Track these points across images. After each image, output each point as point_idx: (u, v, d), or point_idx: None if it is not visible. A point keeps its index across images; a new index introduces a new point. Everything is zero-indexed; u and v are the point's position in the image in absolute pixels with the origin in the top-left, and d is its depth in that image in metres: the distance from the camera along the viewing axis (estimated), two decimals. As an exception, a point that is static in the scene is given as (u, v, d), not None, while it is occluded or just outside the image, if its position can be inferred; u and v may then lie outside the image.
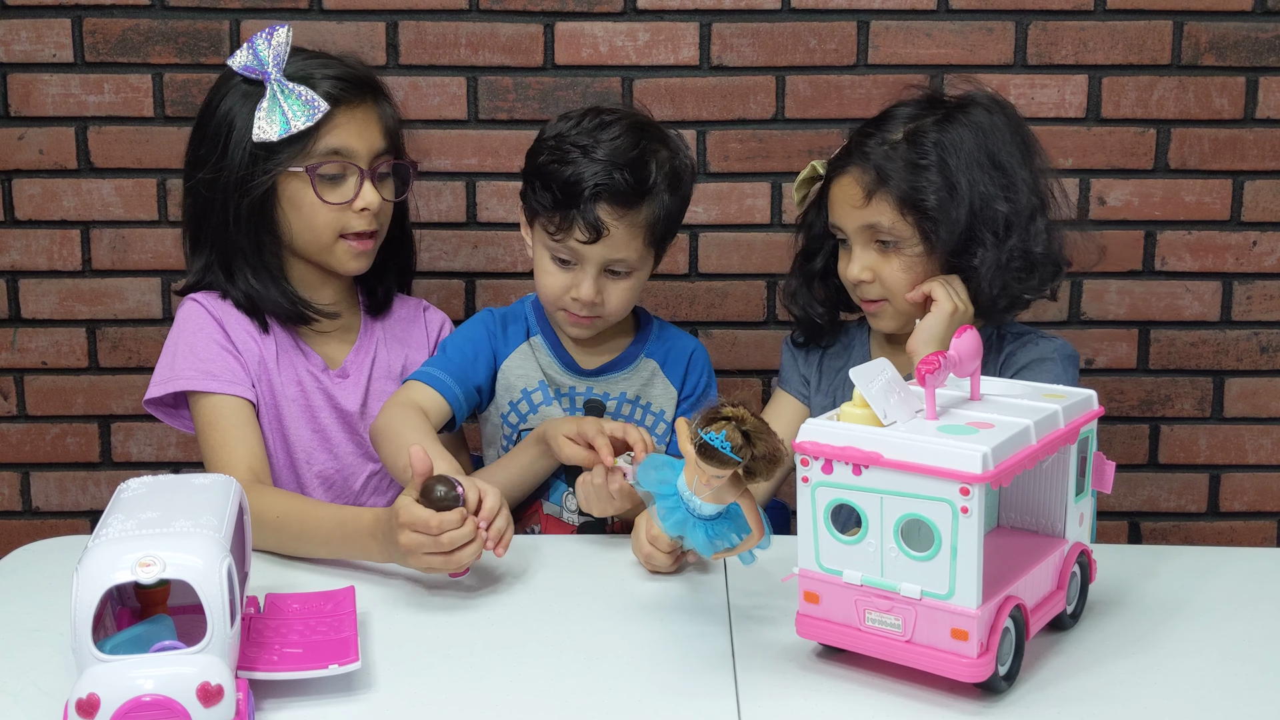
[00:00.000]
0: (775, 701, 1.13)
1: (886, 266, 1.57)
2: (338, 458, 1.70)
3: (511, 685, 1.17)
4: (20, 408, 2.18)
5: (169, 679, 1.00)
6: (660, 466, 1.22)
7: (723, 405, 1.12)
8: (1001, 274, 1.54)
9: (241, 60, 1.60)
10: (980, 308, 1.56)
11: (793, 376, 1.75)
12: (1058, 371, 1.56)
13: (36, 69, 2.08)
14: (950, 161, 1.53)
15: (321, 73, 1.60)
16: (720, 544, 1.19)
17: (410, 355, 1.76)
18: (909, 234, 1.54)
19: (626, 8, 2.08)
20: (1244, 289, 2.16)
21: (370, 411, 1.71)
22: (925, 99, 1.62)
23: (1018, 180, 1.55)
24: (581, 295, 1.60)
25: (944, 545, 1.08)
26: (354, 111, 1.61)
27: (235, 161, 1.59)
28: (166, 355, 1.64)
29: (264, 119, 1.57)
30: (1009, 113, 1.60)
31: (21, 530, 2.19)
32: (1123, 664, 1.20)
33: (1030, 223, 1.55)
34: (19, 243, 2.13)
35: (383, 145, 1.64)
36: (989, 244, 1.53)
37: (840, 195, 1.59)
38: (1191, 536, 2.23)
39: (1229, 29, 2.08)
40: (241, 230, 1.62)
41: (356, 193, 1.61)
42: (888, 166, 1.54)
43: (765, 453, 1.10)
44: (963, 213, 1.52)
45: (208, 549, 1.04)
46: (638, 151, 1.58)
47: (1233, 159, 2.12)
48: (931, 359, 1.14)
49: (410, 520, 1.30)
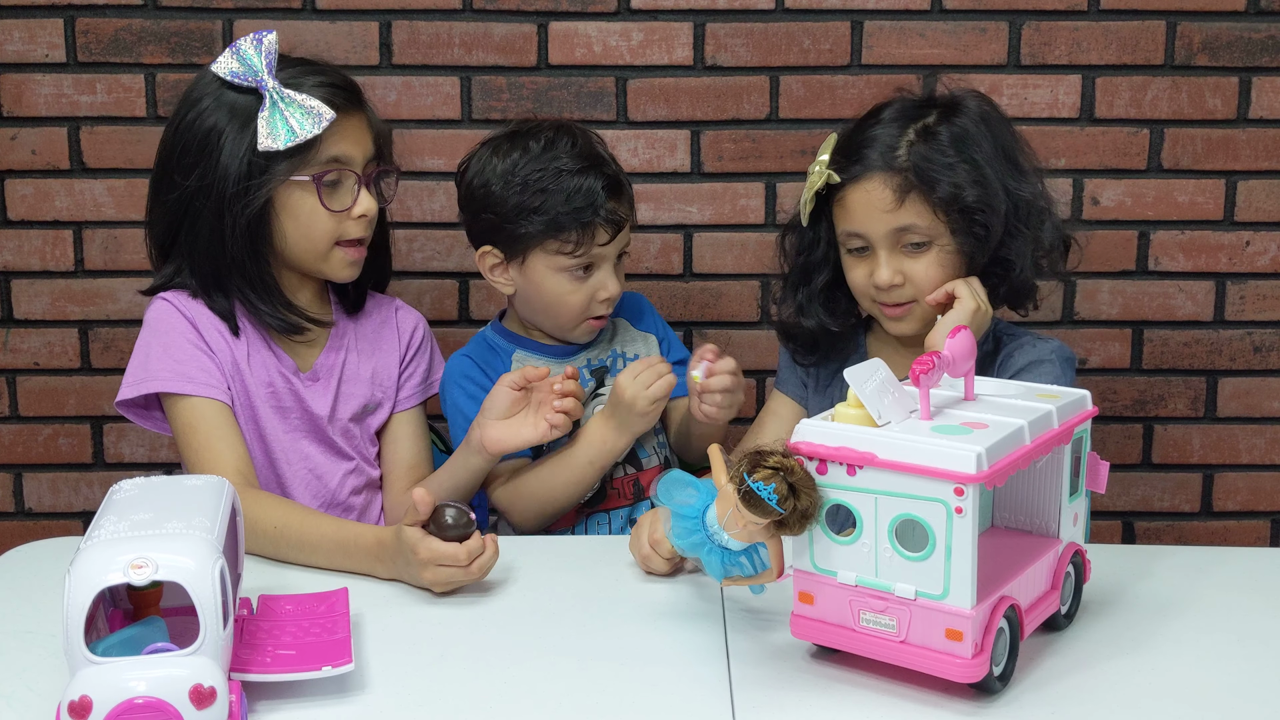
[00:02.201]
0: (770, 702, 1.13)
1: (917, 267, 1.55)
2: (309, 458, 1.68)
3: (505, 686, 1.17)
4: (12, 408, 2.17)
5: (161, 681, 0.99)
6: (683, 485, 1.21)
7: (771, 453, 1.10)
8: (1036, 260, 1.56)
9: (228, 66, 1.56)
10: (1017, 296, 1.59)
11: (790, 378, 1.75)
12: (1056, 373, 1.56)
13: (29, 69, 2.07)
14: (975, 155, 1.53)
15: (311, 80, 1.58)
16: (734, 571, 1.19)
17: (380, 361, 1.74)
18: (941, 230, 1.54)
19: (620, 7, 2.08)
20: (1237, 289, 2.16)
21: (339, 416, 1.69)
22: (912, 100, 1.62)
23: (1026, 166, 1.58)
24: (612, 292, 1.69)
25: (938, 545, 1.08)
26: (350, 119, 1.60)
27: (231, 173, 1.55)
28: (139, 355, 1.61)
29: (266, 128, 1.55)
30: (996, 107, 1.62)
31: (14, 531, 2.19)
32: (1117, 664, 1.20)
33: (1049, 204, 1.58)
34: (11, 243, 2.13)
35: (373, 151, 1.64)
36: (1023, 233, 1.55)
37: (863, 201, 1.55)
38: (1185, 536, 2.24)
39: (1222, 29, 2.08)
40: (239, 244, 1.58)
41: (354, 199, 1.61)
42: (922, 166, 1.52)
43: (807, 507, 1.10)
44: (1000, 202, 1.53)
45: (200, 550, 1.04)
46: (592, 147, 1.69)
47: (1226, 159, 2.12)
48: (925, 359, 1.14)
49: (434, 557, 1.32)
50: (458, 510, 1.34)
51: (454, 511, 1.34)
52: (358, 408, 1.71)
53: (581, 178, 1.63)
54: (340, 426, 1.70)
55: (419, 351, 1.78)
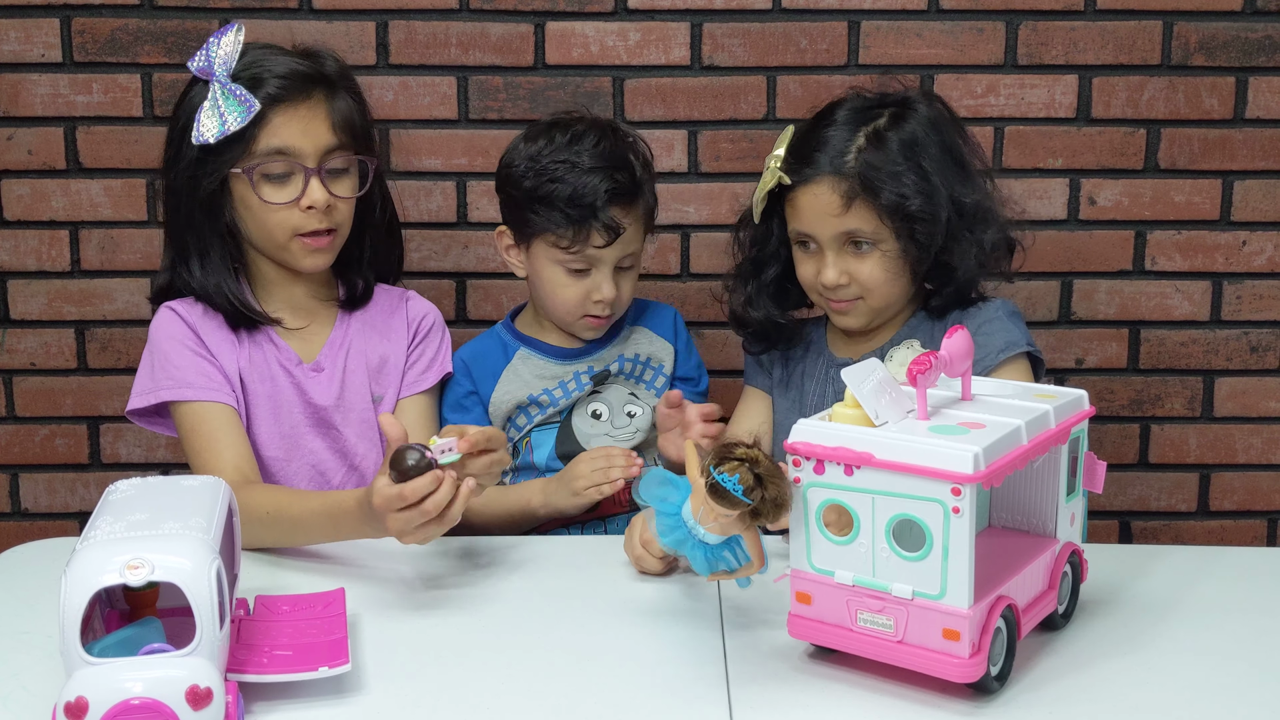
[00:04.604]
0: (767, 702, 1.13)
1: (862, 267, 1.57)
2: (314, 452, 1.68)
3: (502, 687, 1.17)
4: (9, 409, 2.17)
5: (158, 681, 0.99)
6: (662, 483, 1.21)
7: (737, 445, 1.11)
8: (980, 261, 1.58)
9: (196, 62, 1.60)
10: (961, 294, 1.61)
11: (756, 372, 1.77)
12: (1007, 326, 1.58)
13: (25, 69, 2.07)
14: (923, 163, 1.55)
15: (271, 70, 1.59)
16: (719, 566, 1.19)
17: (388, 347, 1.73)
18: (886, 234, 1.55)
19: (617, 7, 2.07)
20: (1234, 289, 2.16)
21: (346, 404, 1.70)
22: (864, 99, 1.62)
23: (972, 170, 1.60)
24: (605, 296, 1.68)
25: (935, 545, 1.08)
26: (297, 109, 1.59)
27: (185, 161, 1.60)
28: (145, 366, 1.65)
29: (203, 120, 1.57)
30: (945, 105, 1.64)
31: (10, 532, 2.18)
32: (1114, 664, 1.20)
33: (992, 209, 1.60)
34: (7, 243, 2.12)
35: (332, 141, 1.61)
36: (966, 238, 1.56)
37: (812, 204, 1.57)
38: (1182, 536, 2.24)
39: (1219, 29, 2.08)
40: (192, 229, 1.63)
41: (302, 191, 1.60)
42: (868, 174, 1.53)
43: (775, 496, 1.10)
44: (943, 210, 1.55)
45: (196, 551, 1.04)
46: (619, 150, 1.67)
47: (1222, 159, 2.12)
48: (923, 359, 1.14)
49: (386, 502, 1.27)
50: (417, 452, 1.27)
51: (413, 454, 1.27)
52: (364, 397, 1.71)
53: (591, 177, 1.63)
54: (346, 417, 1.69)
55: (427, 337, 1.77)
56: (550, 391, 1.74)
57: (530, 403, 1.74)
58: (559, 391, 1.75)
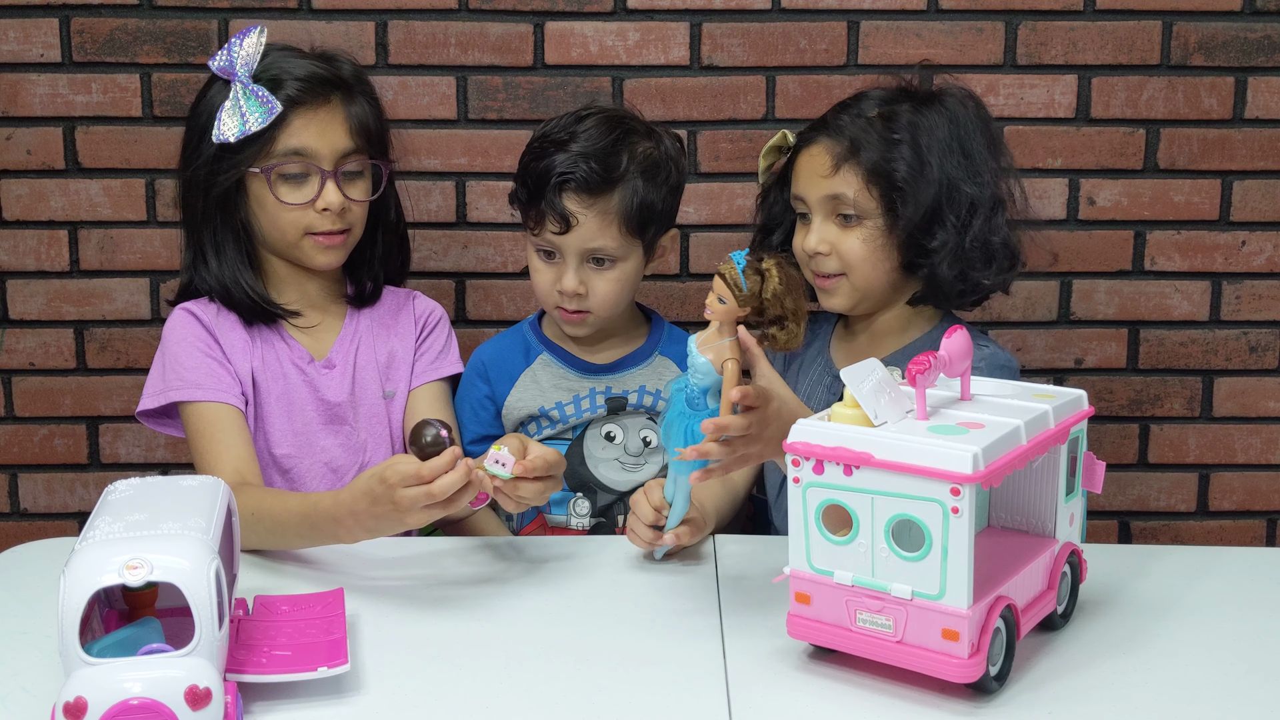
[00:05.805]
0: (766, 702, 1.13)
1: (846, 240, 1.58)
2: (327, 449, 1.69)
3: (501, 687, 1.16)
4: (8, 409, 2.17)
5: (156, 682, 0.99)
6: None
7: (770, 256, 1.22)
8: (960, 259, 1.55)
9: (218, 61, 1.61)
10: (938, 293, 1.59)
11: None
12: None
13: (24, 69, 2.07)
14: (922, 141, 1.55)
15: (291, 72, 1.61)
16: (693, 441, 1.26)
17: (396, 344, 1.74)
18: (872, 208, 1.55)
19: (616, 7, 2.07)
20: (1233, 289, 2.16)
21: (358, 400, 1.70)
22: (899, 88, 1.63)
23: (984, 170, 1.58)
24: (565, 286, 1.64)
25: (935, 545, 1.08)
26: (315, 112, 1.61)
27: (203, 158, 1.61)
28: (156, 367, 1.66)
29: (224, 119, 1.59)
30: (980, 108, 1.63)
31: (9, 532, 2.18)
32: (1113, 663, 1.20)
33: (992, 213, 1.57)
34: (6, 243, 2.12)
35: (349, 145, 1.63)
36: (950, 227, 1.55)
37: (807, 165, 1.60)
38: (1181, 536, 2.24)
39: (1218, 29, 2.08)
40: (208, 225, 1.65)
41: (318, 193, 1.61)
42: (861, 138, 1.55)
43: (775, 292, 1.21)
44: (930, 191, 1.54)
45: (195, 551, 1.04)
46: (609, 141, 1.63)
47: (1221, 159, 2.12)
48: (922, 359, 1.14)
49: (400, 478, 1.26)
50: (434, 428, 1.27)
51: (431, 430, 1.27)
52: (376, 394, 1.71)
53: (559, 160, 1.61)
54: (358, 413, 1.70)
55: (434, 330, 1.78)
56: (563, 406, 1.72)
57: (541, 414, 1.73)
58: (571, 408, 1.72)
